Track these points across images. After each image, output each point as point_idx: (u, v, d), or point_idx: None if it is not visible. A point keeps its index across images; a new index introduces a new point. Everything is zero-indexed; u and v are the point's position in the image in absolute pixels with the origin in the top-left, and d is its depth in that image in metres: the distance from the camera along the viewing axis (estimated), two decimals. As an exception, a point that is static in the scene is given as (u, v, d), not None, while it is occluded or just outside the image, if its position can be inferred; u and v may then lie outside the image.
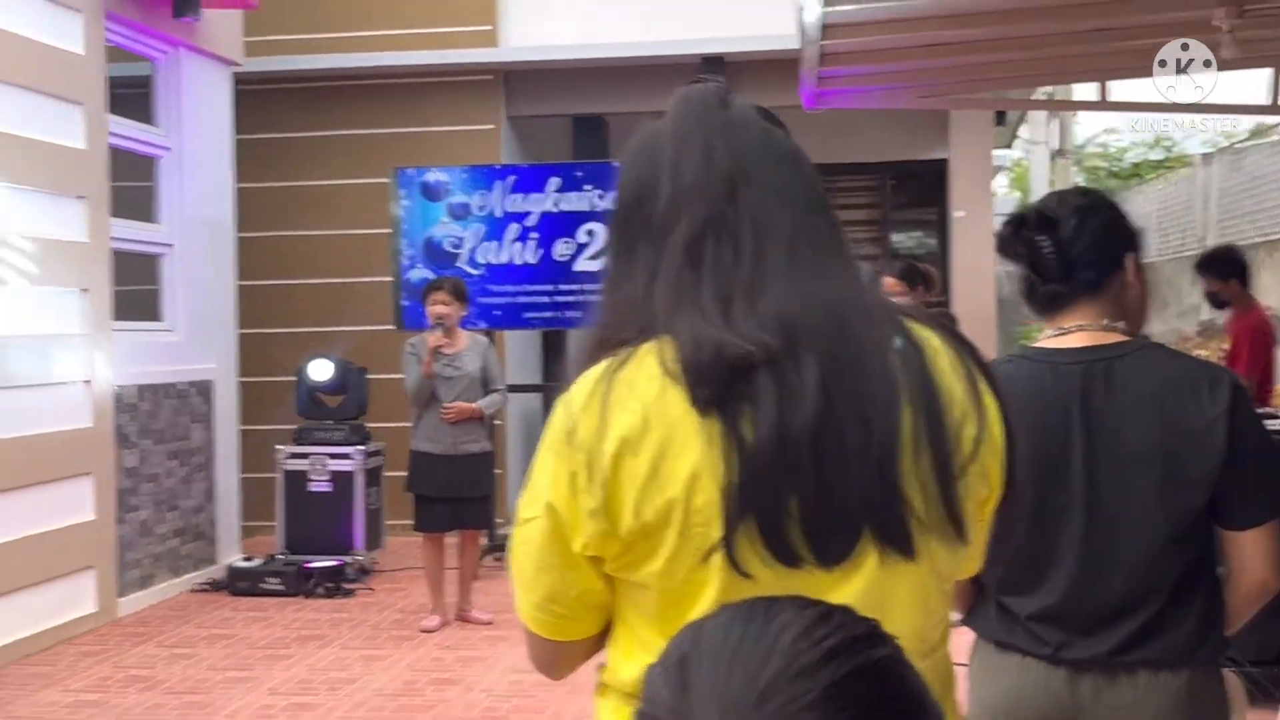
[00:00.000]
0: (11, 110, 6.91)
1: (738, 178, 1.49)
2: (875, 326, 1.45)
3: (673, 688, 0.92)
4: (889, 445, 1.40)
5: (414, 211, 9.04)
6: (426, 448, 7.40)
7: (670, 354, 1.42)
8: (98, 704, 6.01)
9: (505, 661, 6.63)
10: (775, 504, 1.37)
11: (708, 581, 1.40)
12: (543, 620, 1.54)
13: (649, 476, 1.40)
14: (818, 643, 0.91)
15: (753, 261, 1.45)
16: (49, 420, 7.13)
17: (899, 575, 1.42)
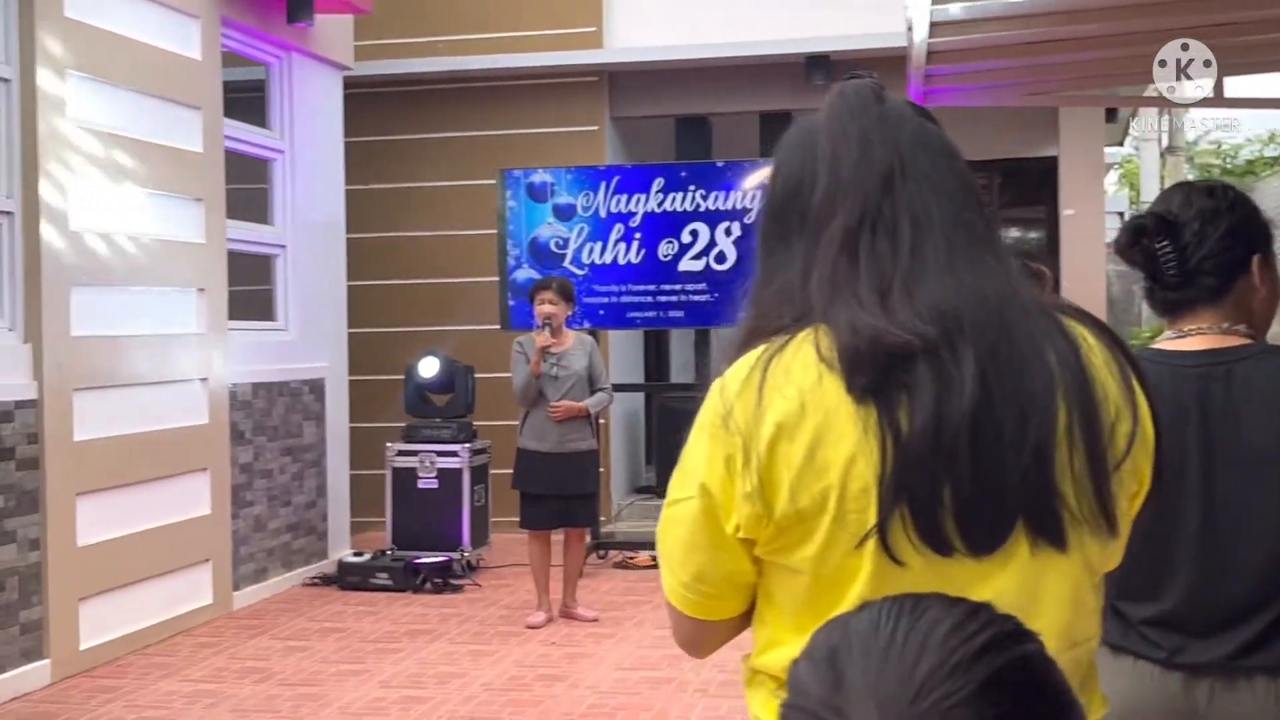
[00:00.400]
0: (135, 115, 7.12)
1: (895, 171, 1.51)
2: (1032, 321, 1.47)
3: (824, 682, 0.93)
4: (1045, 438, 1.42)
5: (519, 212, 9.14)
6: (533, 446, 7.48)
7: (826, 342, 1.45)
8: (215, 694, 6.16)
9: (611, 659, 6.69)
10: (930, 492, 1.39)
11: (860, 568, 1.43)
12: (690, 599, 1.57)
13: (805, 462, 1.42)
14: (969, 638, 0.93)
15: (910, 254, 1.48)
16: (168, 417, 7.32)
17: (1050, 567, 1.45)
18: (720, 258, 8.85)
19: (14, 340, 6.35)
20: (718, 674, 6.33)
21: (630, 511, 10.93)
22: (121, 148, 7.00)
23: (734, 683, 6.14)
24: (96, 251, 6.79)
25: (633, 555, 9.33)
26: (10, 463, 6.17)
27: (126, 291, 7.07)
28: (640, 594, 8.26)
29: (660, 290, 8.99)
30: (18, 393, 6.25)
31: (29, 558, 6.27)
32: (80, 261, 6.66)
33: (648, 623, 7.44)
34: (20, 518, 6.22)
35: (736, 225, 8.82)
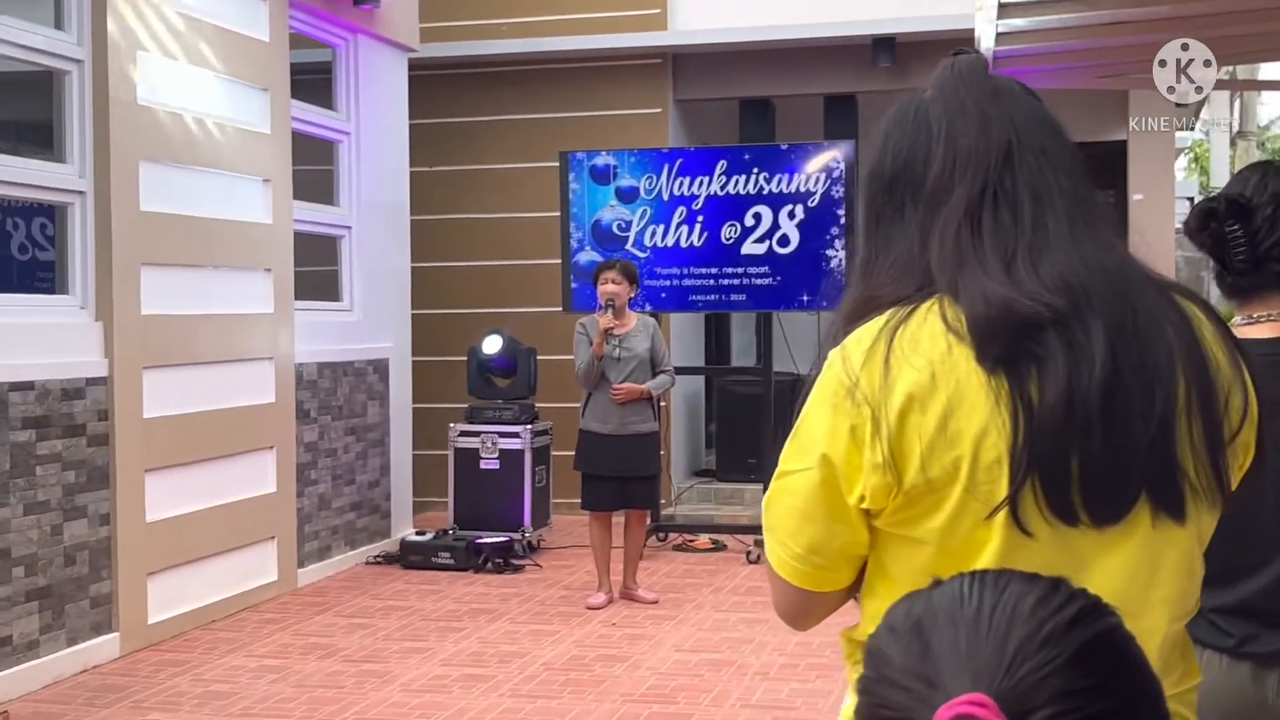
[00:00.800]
0: (204, 96, 7.19)
1: (1014, 145, 1.53)
2: (1150, 295, 1.49)
3: (911, 653, 0.94)
4: (1169, 411, 1.44)
5: (582, 194, 9.14)
6: (595, 428, 7.50)
7: (953, 312, 1.46)
8: (280, 670, 6.24)
9: (670, 640, 6.70)
10: (1060, 463, 1.41)
11: (989, 539, 1.44)
12: (801, 571, 1.58)
13: (937, 432, 1.44)
14: (1058, 610, 0.94)
15: (1032, 226, 1.49)
16: (235, 395, 7.41)
17: (1169, 539, 1.47)
18: (783, 241, 8.82)
19: (85, 318, 6.45)
20: (778, 657, 6.34)
21: (690, 494, 10.94)
22: (191, 128, 7.08)
23: (794, 665, 6.15)
24: (166, 231, 6.87)
25: (693, 538, 9.34)
26: (81, 439, 6.28)
27: (195, 271, 7.16)
28: (700, 577, 8.27)
29: (722, 273, 8.97)
30: (89, 370, 6.35)
31: (99, 533, 6.38)
32: (150, 241, 6.74)
33: (707, 605, 7.45)
34: (91, 493, 6.33)
35: (800, 208, 8.78)
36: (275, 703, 5.73)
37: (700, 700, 5.71)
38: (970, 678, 0.90)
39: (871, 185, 1.63)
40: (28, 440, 5.96)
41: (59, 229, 6.68)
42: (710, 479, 11.28)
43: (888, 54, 10.37)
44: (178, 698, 5.81)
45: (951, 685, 0.90)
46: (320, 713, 5.58)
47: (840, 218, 8.71)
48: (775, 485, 1.57)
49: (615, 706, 5.64)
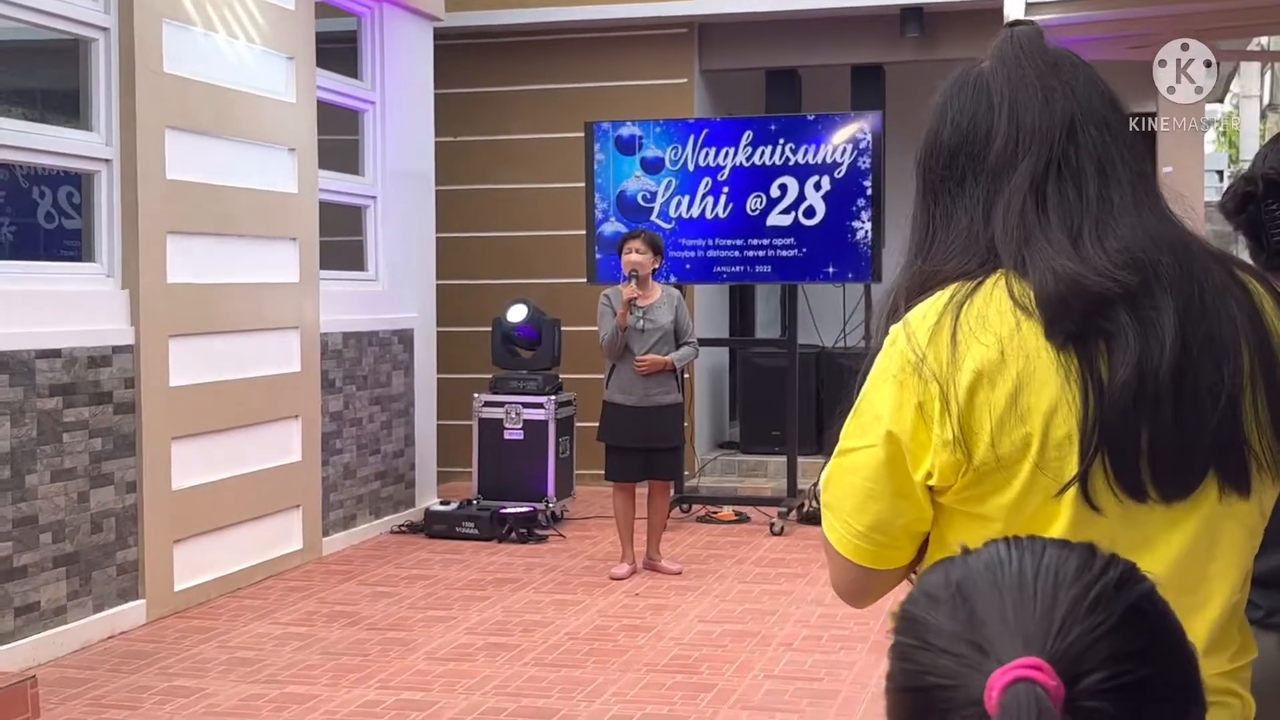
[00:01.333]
0: (229, 64, 7.19)
1: (1076, 117, 1.52)
2: (1214, 270, 1.48)
3: (959, 619, 0.93)
4: (1237, 386, 1.44)
5: (607, 165, 9.12)
6: (619, 399, 7.50)
7: (1019, 287, 1.46)
8: (305, 637, 6.27)
9: (694, 611, 6.71)
10: (1130, 440, 1.41)
11: (1057, 515, 1.44)
12: (863, 549, 1.57)
13: (1007, 409, 1.43)
14: (1103, 573, 0.93)
15: (1097, 200, 1.48)
16: (261, 364, 7.43)
17: (1232, 513, 1.47)
18: (809, 212, 8.78)
19: (111, 286, 6.47)
20: (802, 629, 6.34)
21: (713, 466, 10.94)
22: (217, 97, 7.08)
23: (817, 637, 6.15)
24: (192, 200, 6.88)
25: (716, 510, 9.34)
26: (108, 406, 6.30)
27: (221, 240, 7.17)
28: (722, 548, 8.27)
29: (748, 245, 8.94)
30: (115, 338, 6.37)
31: (125, 500, 6.41)
32: (176, 210, 6.75)
33: (730, 577, 7.45)
34: (117, 461, 6.36)
35: (826, 179, 8.74)
36: (300, 669, 5.76)
37: (724, 671, 5.72)
38: (1021, 642, 0.89)
39: (929, 157, 1.60)
40: (55, 407, 5.99)
41: (85, 197, 6.70)
42: (734, 451, 11.27)
43: (915, 24, 10.29)
44: (204, 664, 5.85)
45: (1003, 650, 0.89)
46: (345, 680, 5.61)
47: (867, 189, 8.66)
48: (835, 463, 1.56)
49: (639, 676, 5.65)
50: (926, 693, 0.92)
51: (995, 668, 0.88)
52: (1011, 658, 0.88)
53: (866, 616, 6.41)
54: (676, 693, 5.43)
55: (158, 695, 5.42)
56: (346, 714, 5.19)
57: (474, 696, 5.39)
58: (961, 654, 0.91)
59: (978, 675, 0.89)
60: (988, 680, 0.87)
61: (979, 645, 0.90)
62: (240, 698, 5.38)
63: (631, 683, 5.56)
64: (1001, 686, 0.86)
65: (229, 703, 5.32)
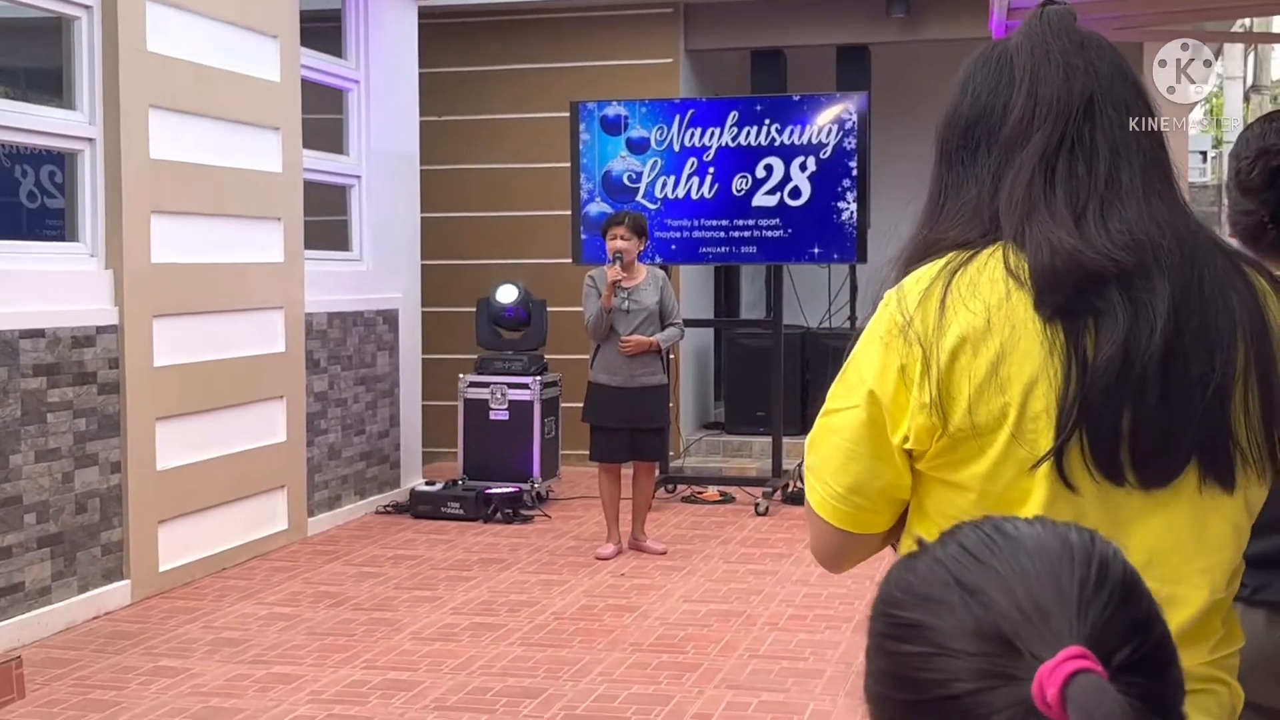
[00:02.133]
0: (213, 43, 7.15)
1: (1096, 97, 1.52)
2: (1217, 260, 1.48)
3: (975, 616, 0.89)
4: (1227, 378, 1.42)
5: (593, 145, 9.10)
6: (604, 380, 7.50)
7: (1016, 258, 1.45)
8: (290, 617, 6.28)
9: (679, 591, 6.73)
10: (1111, 420, 1.40)
11: (1032, 491, 1.43)
12: (841, 511, 1.57)
13: (987, 377, 1.43)
14: (1086, 547, 0.93)
15: (1106, 180, 1.48)
16: (245, 344, 7.41)
17: (1214, 507, 1.46)
18: (795, 193, 8.78)
19: (95, 266, 6.45)
20: (786, 608, 6.36)
21: (698, 446, 10.96)
22: (200, 76, 7.04)
23: (802, 616, 6.18)
24: (176, 179, 6.85)
25: (701, 490, 9.36)
26: (92, 386, 6.29)
27: (205, 220, 7.14)
28: (707, 528, 8.29)
29: (733, 225, 8.94)
30: (99, 318, 6.35)
31: (110, 480, 6.40)
32: (160, 189, 6.72)
33: (715, 556, 7.47)
34: (101, 441, 6.34)
35: (812, 160, 8.73)
36: (286, 650, 5.76)
37: (709, 650, 5.74)
38: (1050, 632, 0.87)
39: (947, 128, 1.60)
40: (39, 388, 5.98)
41: (69, 176, 6.66)
42: (719, 431, 11.30)
43: (901, 5, 10.28)
44: (189, 644, 5.85)
45: (1034, 644, 0.87)
46: (330, 660, 5.61)
47: (852, 170, 8.66)
48: (820, 423, 1.57)
49: (624, 655, 5.67)
50: (951, 701, 0.88)
51: (1033, 664, 0.85)
52: (1047, 651, 0.85)
53: (851, 596, 6.44)
54: (662, 672, 5.45)
55: (143, 675, 5.42)
56: (332, 694, 5.20)
57: (460, 676, 5.40)
58: (990, 653, 0.87)
59: (1014, 674, 0.86)
60: (1033, 678, 0.84)
61: (1006, 641, 0.87)
62: (225, 678, 5.39)
63: (617, 662, 5.58)
64: (1060, 682, 0.83)
65: (214, 683, 5.32)
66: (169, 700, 5.11)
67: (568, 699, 5.12)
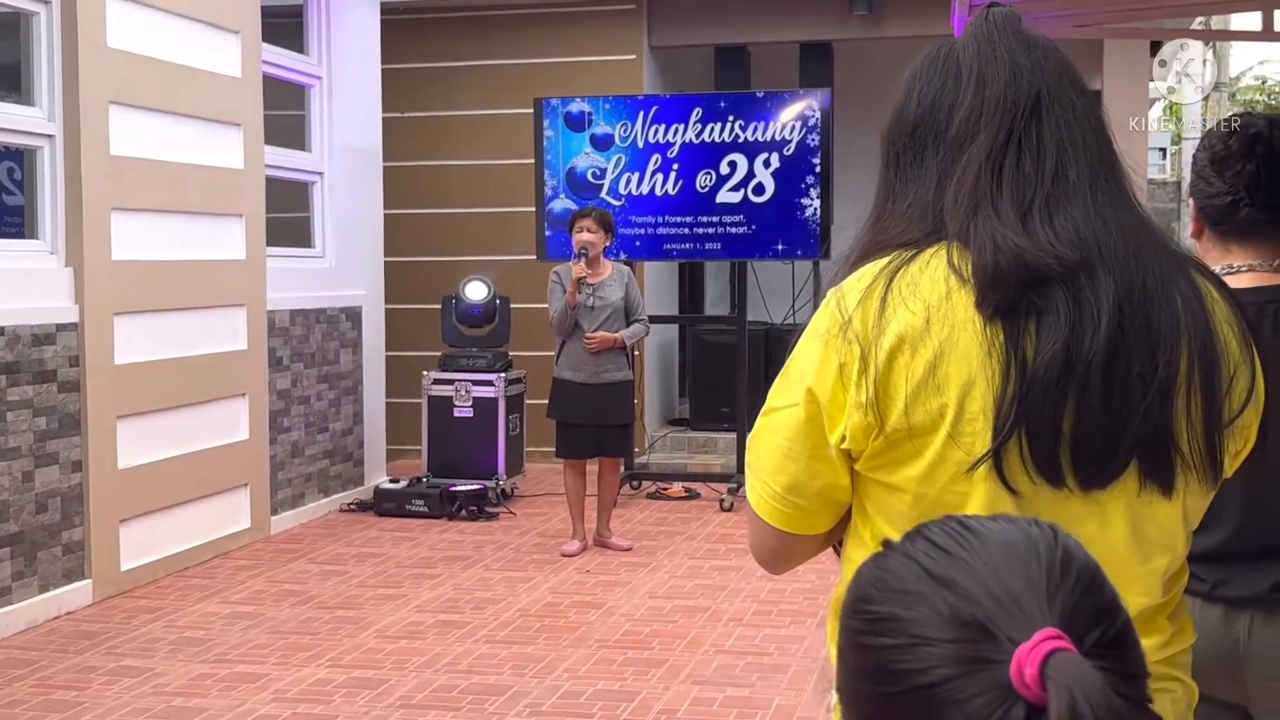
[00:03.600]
0: (173, 39, 7.10)
1: (1043, 95, 1.51)
2: (1163, 262, 1.47)
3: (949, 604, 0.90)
4: (1170, 379, 1.41)
5: (557, 142, 9.09)
6: (569, 376, 7.50)
7: (960, 257, 1.44)
8: (254, 616, 6.24)
9: (645, 587, 6.74)
10: (1050, 421, 1.39)
11: (970, 494, 1.42)
12: (779, 511, 1.56)
13: (925, 377, 1.42)
14: (1047, 536, 0.94)
15: (1053, 178, 1.47)
16: (207, 342, 7.37)
17: (1152, 513, 1.45)
18: (759, 189, 8.80)
19: (55, 263, 6.39)
20: (752, 604, 6.38)
21: (664, 443, 10.97)
22: (161, 72, 6.99)
23: (767, 612, 6.19)
24: (137, 176, 6.80)
25: (666, 486, 9.37)
26: (52, 385, 6.23)
27: (166, 217, 7.09)
28: (673, 525, 8.30)
29: (697, 222, 8.94)
30: (59, 316, 6.29)
31: (71, 479, 6.35)
32: (121, 186, 6.67)
33: (681, 553, 7.48)
34: (62, 440, 6.29)
35: (775, 156, 8.75)
36: (250, 649, 5.73)
37: (675, 646, 5.74)
38: (1022, 616, 0.88)
39: (894, 129, 1.60)
40: (-2, 386, 5.92)
41: (28, 173, 6.60)
42: (684, 427, 11.31)
43: (864, 2, 10.32)
44: (151, 644, 5.81)
45: (1009, 628, 0.88)
46: (295, 659, 5.59)
47: (816, 166, 8.69)
48: (760, 422, 1.56)
49: (590, 652, 5.67)
50: (930, 690, 0.89)
51: (1009, 647, 0.86)
52: (1023, 634, 0.86)
53: (815, 591, 6.46)
54: (628, 668, 5.45)
55: (105, 675, 5.38)
56: (297, 693, 5.17)
57: (425, 674, 5.38)
58: (965, 640, 0.88)
59: (991, 658, 0.87)
60: (1010, 660, 0.85)
61: (981, 627, 0.88)
62: (189, 677, 5.35)
63: (583, 659, 5.58)
64: (1039, 661, 0.84)
65: (177, 682, 5.29)
66: (132, 700, 5.08)
67: (533, 696, 5.12)
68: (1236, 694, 2.35)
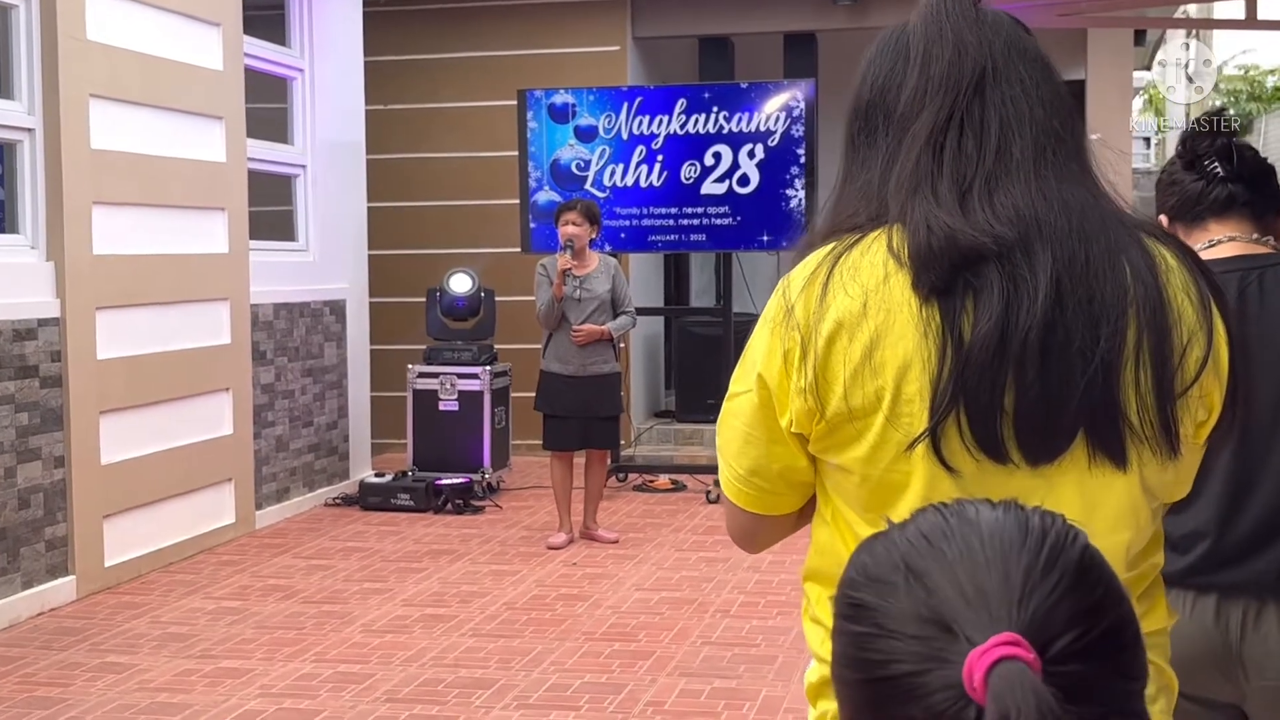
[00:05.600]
0: (154, 32, 7.05)
1: (988, 72, 1.50)
2: (1111, 233, 1.45)
3: (915, 599, 0.90)
4: (1113, 350, 1.39)
5: (541, 134, 9.06)
6: (556, 369, 7.48)
7: (899, 240, 1.44)
8: (239, 611, 6.22)
9: (631, 580, 6.73)
10: (990, 398, 1.38)
11: (912, 472, 1.43)
12: (745, 493, 1.59)
13: (862, 361, 1.42)
14: (1044, 532, 0.92)
15: (995, 155, 1.46)
16: (190, 336, 7.33)
17: (1107, 486, 1.43)
18: (743, 180, 8.79)
19: (36, 258, 6.35)
20: (739, 595, 6.37)
21: (650, 435, 10.96)
22: (142, 65, 6.95)
23: (754, 603, 6.19)
24: (118, 170, 6.76)
25: (653, 478, 9.36)
26: (34, 380, 6.20)
27: (148, 211, 7.05)
28: (660, 517, 8.29)
29: (682, 213, 8.93)
30: (41, 311, 6.26)
31: (54, 475, 6.31)
32: (102, 180, 6.63)
33: (667, 545, 7.47)
34: (45, 435, 6.26)
35: (760, 148, 8.74)
36: (235, 644, 5.71)
37: (661, 638, 5.74)
38: (987, 617, 0.87)
39: (851, 114, 1.60)
40: (-21, 382, 5.88)
41: (8, 167, 6.55)
42: (670, 420, 11.29)
43: (845, -9, 10.30)
44: (136, 640, 5.78)
45: (970, 629, 0.87)
46: (280, 654, 5.56)
47: (800, 157, 8.68)
48: (724, 407, 1.59)
49: (577, 645, 5.65)
50: (894, 681, 0.89)
51: (966, 648, 0.86)
52: (981, 635, 0.86)
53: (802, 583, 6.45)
54: (615, 661, 5.44)
55: (89, 672, 5.35)
56: (282, 688, 5.15)
57: (411, 668, 5.37)
58: (928, 636, 0.88)
59: (951, 657, 0.87)
60: (964, 662, 0.85)
61: (945, 625, 0.88)
62: (173, 673, 5.33)
63: (570, 651, 5.57)
64: (985, 668, 0.84)
65: (162, 678, 5.27)
66: (116, 697, 5.05)
67: (520, 689, 5.10)
68: (1231, 693, 2.33)
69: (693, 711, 4.87)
